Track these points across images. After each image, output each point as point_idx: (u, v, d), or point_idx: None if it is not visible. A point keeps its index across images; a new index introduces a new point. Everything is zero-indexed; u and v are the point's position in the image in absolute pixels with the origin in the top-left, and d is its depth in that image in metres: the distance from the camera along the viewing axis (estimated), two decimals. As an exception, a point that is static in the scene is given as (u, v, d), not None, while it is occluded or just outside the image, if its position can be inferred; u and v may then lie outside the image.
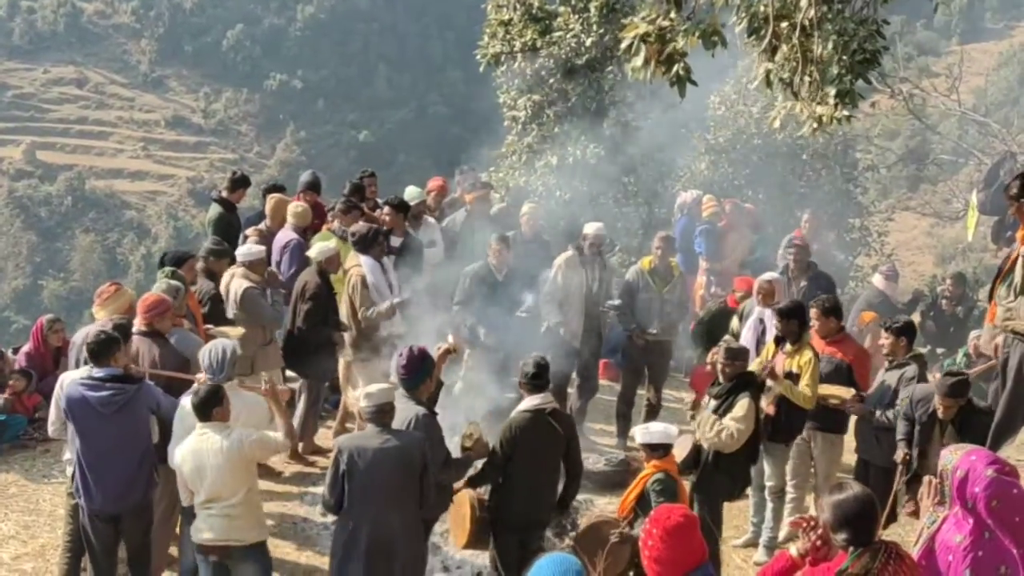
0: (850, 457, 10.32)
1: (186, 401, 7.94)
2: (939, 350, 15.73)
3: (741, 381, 9.11)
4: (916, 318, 16.41)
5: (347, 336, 11.31)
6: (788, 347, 9.85)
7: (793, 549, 5.80)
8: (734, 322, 11.61)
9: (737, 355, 9.23)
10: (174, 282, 9.88)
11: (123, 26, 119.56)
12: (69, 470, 8.52)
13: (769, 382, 9.50)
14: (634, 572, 7.98)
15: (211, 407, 7.65)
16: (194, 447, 7.63)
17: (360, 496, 7.61)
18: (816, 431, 10.05)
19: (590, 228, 12.23)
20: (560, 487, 8.67)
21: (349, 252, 11.74)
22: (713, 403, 9.20)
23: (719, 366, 9.28)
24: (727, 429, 8.86)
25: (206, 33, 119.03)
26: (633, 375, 12.65)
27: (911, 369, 9.60)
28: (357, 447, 7.68)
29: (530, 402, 8.33)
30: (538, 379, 8.33)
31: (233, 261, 11.54)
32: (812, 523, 5.69)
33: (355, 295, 11.27)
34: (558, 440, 8.33)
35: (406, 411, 8.03)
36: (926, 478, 6.41)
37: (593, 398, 12.82)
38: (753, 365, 9.80)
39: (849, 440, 10.22)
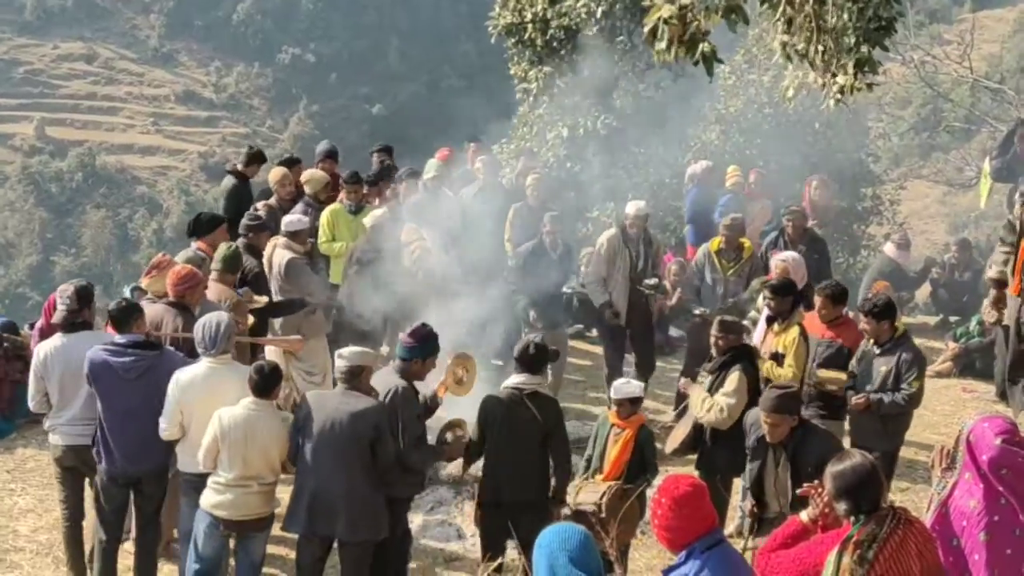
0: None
1: (182, 375, 7.96)
2: (952, 318, 15.73)
3: (735, 355, 9.04)
4: (927, 287, 16.42)
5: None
6: (776, 326, 9.72)
7: (804, 515, 5.85)
8: (760, 300, 11.20)
9: (730, 328, 9.14)
10: (199, 252, 9.94)
11: (132, 0, 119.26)
12: (52, 437, 8.62)
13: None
14: None
15: (273, 385, 7.80)
16: (246, 420, 7.67)
17: (308, 452, 7.71)
18: (814, 418, 9.65)
19: (631, 208, 12.13)
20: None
21: (353, 223, 11.93)
22: (708, 379, 9.15)
23: (712, 339, 9.22)
24: (717, 405, 8.78)
25: (216, 7, 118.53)
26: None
27: (905, 350, 9.24)
28: (315, 403, 7.81)
29: (512, 380, 8.32)
30: (526, 361, 8.27)
31: (273, 233, 11.67)
32: (821, 490, 5.73)
33: (414, 263, 11.35)
34: (533, 422, 8.19)
35: (388, 382, 8.06)
36: (937, 444, 6.42)
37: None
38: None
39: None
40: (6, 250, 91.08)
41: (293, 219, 11.20)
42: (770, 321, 9.89)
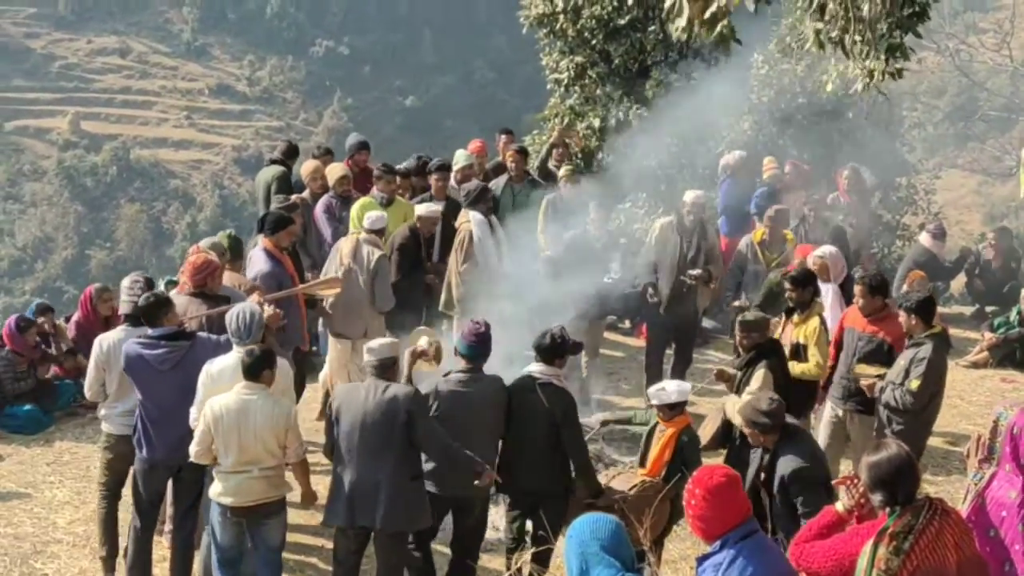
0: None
1: (212, 366, 7.98)
2: (988, 308, 15.59)
3: (760, 351, 8.98)
4: (962, 277, 16.29)
5: (455, 290, 11.49)
6: (796, 317, 9.65)
7: (839, 505, 5.82)
8: None
9: (753, 326, 9.05)
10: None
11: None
12: (105, 426, 8.73)
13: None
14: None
15: (263, 368, 7.69)
16: (237, 405, 7.62)
17: (344, 445, 7.75)
18: (852, 411, 9.65)
19: (688, 196, 12.02)
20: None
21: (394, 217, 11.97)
22: (736, 375, 9.09)
23: (736, 338, 9.18)
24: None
25: (248, 0, 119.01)
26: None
27: (924, 349, 8.89)
28: (348, 394, 7.85)
29: (529, 368, 8.33)
30: (543, 351, 8.27)
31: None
32: (857, 480, 5.70)
33: (459, 250, 11.40)
34: (542, 411, 8.17)
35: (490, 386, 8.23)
36: (974, 434, 6.37)
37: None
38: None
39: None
40: (44, 243, 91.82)
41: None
42: (789, 312, 9.82)
